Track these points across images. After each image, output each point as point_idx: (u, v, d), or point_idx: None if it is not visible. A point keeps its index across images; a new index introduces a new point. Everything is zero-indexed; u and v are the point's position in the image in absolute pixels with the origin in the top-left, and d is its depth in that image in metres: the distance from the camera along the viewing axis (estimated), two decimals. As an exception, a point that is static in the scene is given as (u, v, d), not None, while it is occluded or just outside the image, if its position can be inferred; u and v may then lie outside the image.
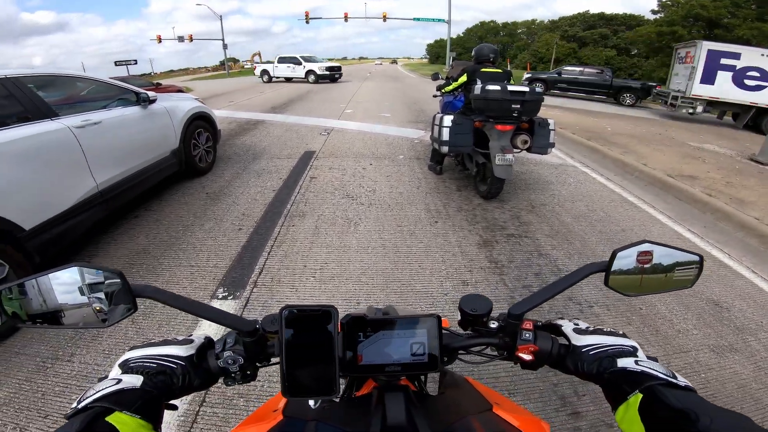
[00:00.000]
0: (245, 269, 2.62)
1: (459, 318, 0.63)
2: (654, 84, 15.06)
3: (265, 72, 22.71)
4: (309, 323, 0.50)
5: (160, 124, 3.70)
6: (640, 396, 0.45)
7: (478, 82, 3.59)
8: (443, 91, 4.32)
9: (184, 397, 0.53)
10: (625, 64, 37.20)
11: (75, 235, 2.64)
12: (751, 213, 3.84)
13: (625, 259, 0.60)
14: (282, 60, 21.72)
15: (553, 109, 10.53)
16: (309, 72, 20.38)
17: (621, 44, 38.58)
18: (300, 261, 2.72)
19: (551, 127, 3.62)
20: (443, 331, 0.57)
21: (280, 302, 2.30)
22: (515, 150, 3.52)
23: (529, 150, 3.62)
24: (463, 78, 3.91)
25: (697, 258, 0.61)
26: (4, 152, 2.18)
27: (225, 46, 37.22)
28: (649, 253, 0.60)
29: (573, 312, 2.27)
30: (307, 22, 30.47)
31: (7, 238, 2.10)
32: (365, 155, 5.31)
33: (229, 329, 0.56)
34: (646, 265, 0.61)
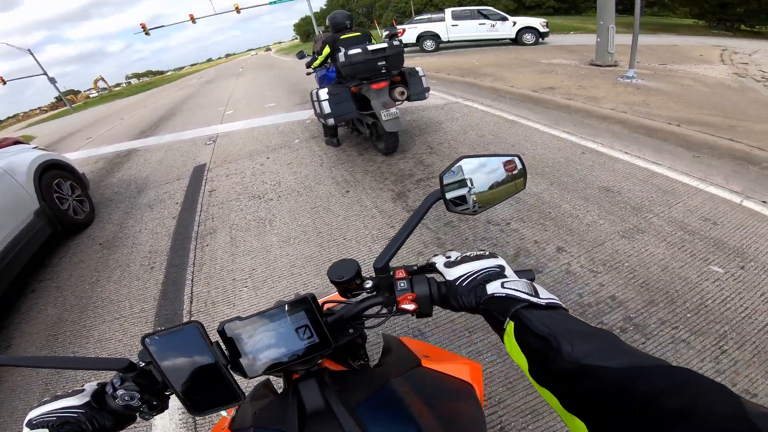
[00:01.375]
0: (174, 303, 2.45)
1: (337, 290, 0.61)
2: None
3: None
4: (180, 342, 0.49)
5: (3, 188, 3.12)
6: (512, 323, 0.42)
7: (341, 50, 3.62)
8: (313, 66, 4.36)
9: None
10: (474, 2, 39.36)
11: None
12: (606, 106, 4.55)
13: (459, 174, 0.60)
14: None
15: (429, 56, 10.96)
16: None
17: None
18: (227, 276, 2.60)
19: (421, 73, 3.84)
20: (327, 305, 0.59)
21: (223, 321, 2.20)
22: (396, 102, 3.68)
23: (408, 99, 3.80)
24: (326, 50, 3.94)
25: (516, 158, 0.61)
26: None
27: (53, 81, 31.41)
28: (481, 156, 0.60)
29: (494, 234, 2.47)
30: (147, 34, 26.81)
31: None
32: (260, 151, 5.08)
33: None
34: (514, 172, 0.61)
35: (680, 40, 12.29)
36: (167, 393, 0.56)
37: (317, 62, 4.19)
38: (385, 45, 3.52)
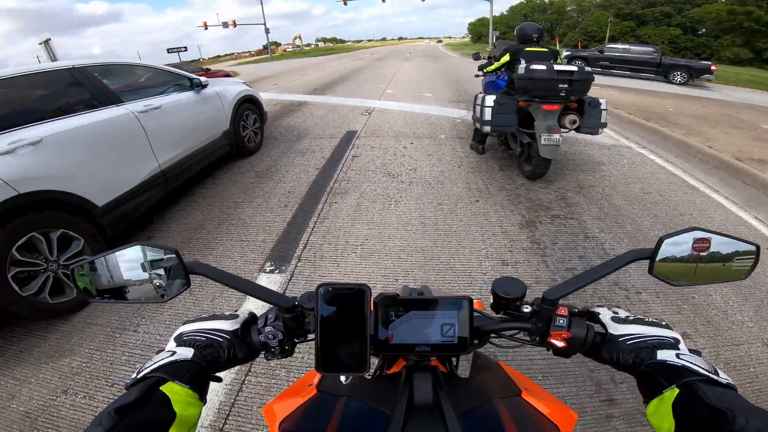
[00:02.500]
0: (290, 244, 2.74)
1: (492, 301, 0.61)
2: (710, 63, 13.79)
3: None
4: (344, 301, 0.51)
5: (212, 108, 3.88)
6: (677, 391, 0.44)
7: (522, 61, 3.46)
8: (485, 70, 4.26)
9: (230, 369, 0.58)
10: (692, 44, 33.77)
11: (141, 211, 2.86)
12: None
13: (675, 247, 0.57)
14: None
15: (606, 89, 9.84)
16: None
17: (686, 23, 34.88)
18: (342, 237, 2.81)
19: (603, 106, 3.43)
20: (475, 314, 0.57)
21: (322, 277, 2.39)
22: (563, 130, 3.38)
23: (577, 130, 3.46)
24: (506, 57, 3.82)
25: (753, 248, 0.57)
26: (78, 136, 2.38)
27: (267, 31, 37.93)
28: (706, 240, 0.56)
29: (619, 298, 2.19)
30: (345, 4, 30.25)
31: (82, 213, 2.31)
32: (406, 134, 5.29)
33: (270, 306, 0.59)
34: (702, 254, 0.57)
35: None
36: (298, 341, 0.60)
37: (492, 67, 4.10)
38: (574, 68, 3.23)
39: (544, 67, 3.20)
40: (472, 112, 3.90)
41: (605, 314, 0.58)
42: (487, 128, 3.50)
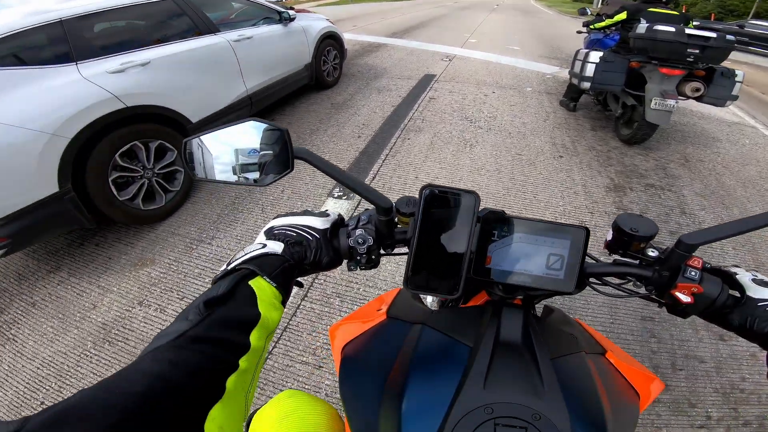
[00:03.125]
0: (361, 173, 2.75)
1: (608, 238, 0.53)
2: None
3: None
4: (447, 209, 0.46)
5: (297, 41, 3.94)
6: None
7: (642, 21, 3.06)
8: (592, 26, 3.89)
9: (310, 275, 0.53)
10: None
11: None
12: None
13: None
14: None
15: (740, 65, 8.34)
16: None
17: None
18: (412, 172, 2.76)
19: (739, 78, 2.92)
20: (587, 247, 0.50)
21: None
22: (680, 97, 2.94)
23: (699, 99, 2.98)
24: (622, 15, 3.42)
25: None
26: (180, 61, 2.55)
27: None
28: None
29: (746, 264, 1.98)
30: None
31: (178, 127, 2.49)
32: (488, 83, 4.95)
33: (362, 210, 0.55)
34: None
35: None
36: (385, 253, 0.56)
37: (602, 24, 3.71)
38: (713, 35, 2.74)
39: (672, 29, 2.76)
40: (570, 68, 3.52)
41: (744, 275, 0.51)
42: (587, 84, 3.14)
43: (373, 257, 0.54)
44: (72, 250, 2.14)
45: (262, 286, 0.43)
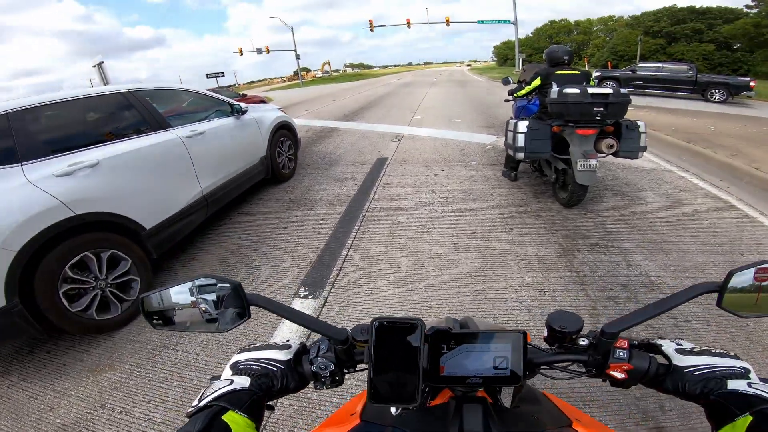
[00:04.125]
0: (324, 270, 2.78)
1: (545, 334, 0.61)
2: (748, 79, 13.22)
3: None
4: (397, 334, 0.53)
5: (251, 134, 4.02)
6: (750, 419, 0.44)
7: (554, 85, 3.40)
8: (516, 95, 4.19)
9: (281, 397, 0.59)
10: (727, 60, 32.43)
11: (183, 234, 2.98)
12: None
13: (740, 277, 0.56)
14: None
15: (642, 110, 9.58)
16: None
17: (719, 39, 33.71)
18: (375, 264, 2.83)
19: (642, 129, 3.32)
20: (529, 346, 0.58)
21: (356, 303, 2.40)
22: (599, 155, 3.27)
23: (615, 155, 3.35)
24: (537, 81, 3.75)
25: None
26: (131, 160, 2.51)
27: (298, 57, 39.55)
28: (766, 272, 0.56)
29: (666, 327, 2.09)
30: (372, 30, 31.41)
31: (131, 235, 2.42)
32: (437, 161, 5.34)
33: (320, 336, 0.61)
34: (763, 283, 0.56)
35: None
36: (348, 372, 0.61)
37: (523, 92, 4.01)
38: (610, 90, 3.15)
39: (577, 91, 3.13)
40: (504, 138, 3.86)
41: (668, 346, 0.59)
42: (521, 155, 3.45)
43: (337, 378, 0.59)
44: (21, 357, 2.05)
45: (235, 420, 0.46)
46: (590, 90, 3.14)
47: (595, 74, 15.64)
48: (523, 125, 3.37)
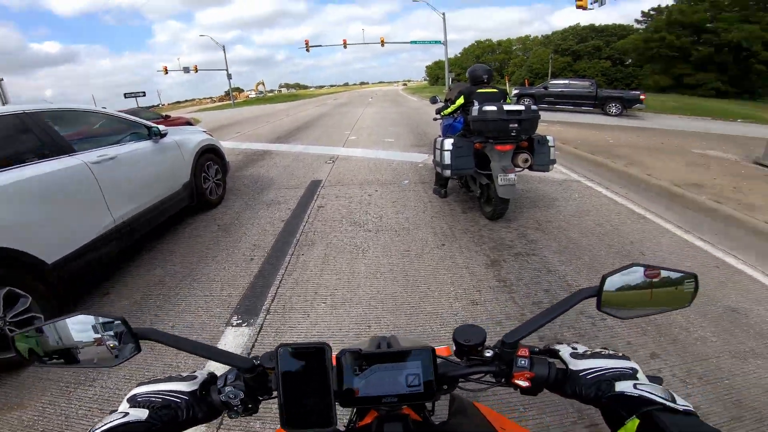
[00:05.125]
0: (258, 297, 2.68)
1: (454, 348, 0.63)
2: (639, 93, 15.10)
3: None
4: (305, 359, 0.53)
5: (171, 158, 3.79)
6: (637, 421, 0.45)
7: (476, 103, 3.61)
8: (442, 114, 4.38)
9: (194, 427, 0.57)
10: (621, 74, 37.05)
11: (95, 268, 2.73)
12: (761, 217, 3.80)
13: (623, 277, 0.60)
14: None
15: (554, 125, 10.66)
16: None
17: (615, 55, 38.62)
18: (311, 288, 2.77)
19: (551, 143, 3.65)
20: (441, 360, 0.60)
21: (293, 328, 2.35)
22: (517, 169, 3.55)
23: (530, 168, 3.64)
24: (460, 100, 3.96)
25: (692, 276, 0.62)
26: (27, 189, 2.27)
27: (229, 76, 38.01)
28: (653, 269, 0.60)
29: (586, 326, 2.27)
30: (308, 50, 31.46)
31: (30, 271, 2.18)
32: (371, 182, 5.41)
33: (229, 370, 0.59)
34: (654, 280, 0.60)
35: None
36: (262, 399, 0.60)
37: (448, 110, 4.18)
38: (521, 107, 3.41)
39: (495, 108, 3.36)
40: (433, 157, 4.02)
41: (564, 351, 0.60)
42: (448, 172, 3.62)
43: (250, 406, 0.58)
44: None
45: None
46: (506, 107, 3.39)
47: (514, 92, 17.05)
48: (448, 143, 3.54)
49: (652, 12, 31.75)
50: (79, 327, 0.56)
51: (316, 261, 3.17)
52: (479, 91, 3.88)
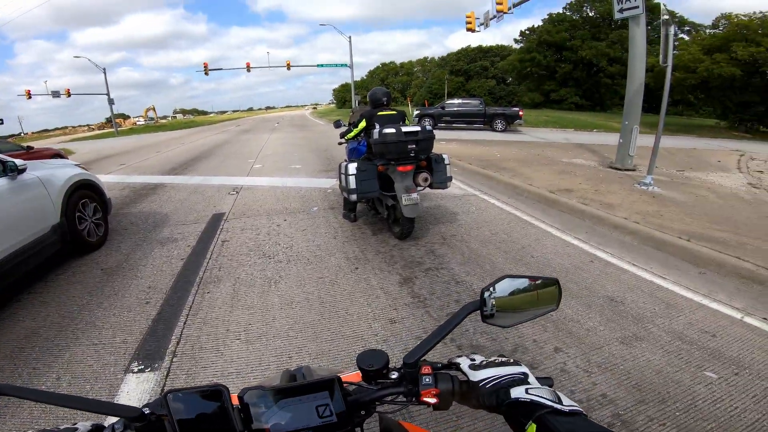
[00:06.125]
0: (160, 341, 2.43)
1: (361, 375, 0.64)
2: (518, 109, 17.04)
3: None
4: (202, 404, 0.50)
5: (33, 197, 3.26)
6: (534, 426, 0.47)
7: (377, 126, 3.69)
8: (346, 138, 4.44)
9: None
10: (504, 92, 40.93)
11: None
12: (619, 214, 4.64)
13: (499, 290, 0.65)
14: None
15: (451, 143, 11.66)
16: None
17: (498, 74, 42.41)
18: (221, 325, 2.58)
19: (446, 161, 3.91)
20: (353, 387, 0.61)
21: (206, 368, 2.18)
22: (418, 188, 3.75)
23: (430, 186, 3.86)
24: (363, 123, 4.06)
25: (554, 281, 0.68)
26: None
27: (111, 102, 33.30)
28: (522, 278, 0.66)
29: (493, 330, 2.42)
30: (207, 74, 29.64)
31: None
32: (278, 211, 5.24)
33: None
34: (538, 281, 0.66)
35: (701, 143, 12.90)
36: None
37: (351, 134, 4.22)
38: (417, 128, 3.59)
39: (393, 131, 3.50)
40: (338, 182, 4.06)
41: (464, 363, 0.62)
42: (354, 196, 3.66)
43: None
44: None
45: None
46: (403, 129, 3.56)
47: (415, 113, 18.04)
48: (352, 167, 3.60)
49: (527, 32, 35.62)
50: None
51: (225, 297, 2.95)
52: (380, 113, 4.02)
